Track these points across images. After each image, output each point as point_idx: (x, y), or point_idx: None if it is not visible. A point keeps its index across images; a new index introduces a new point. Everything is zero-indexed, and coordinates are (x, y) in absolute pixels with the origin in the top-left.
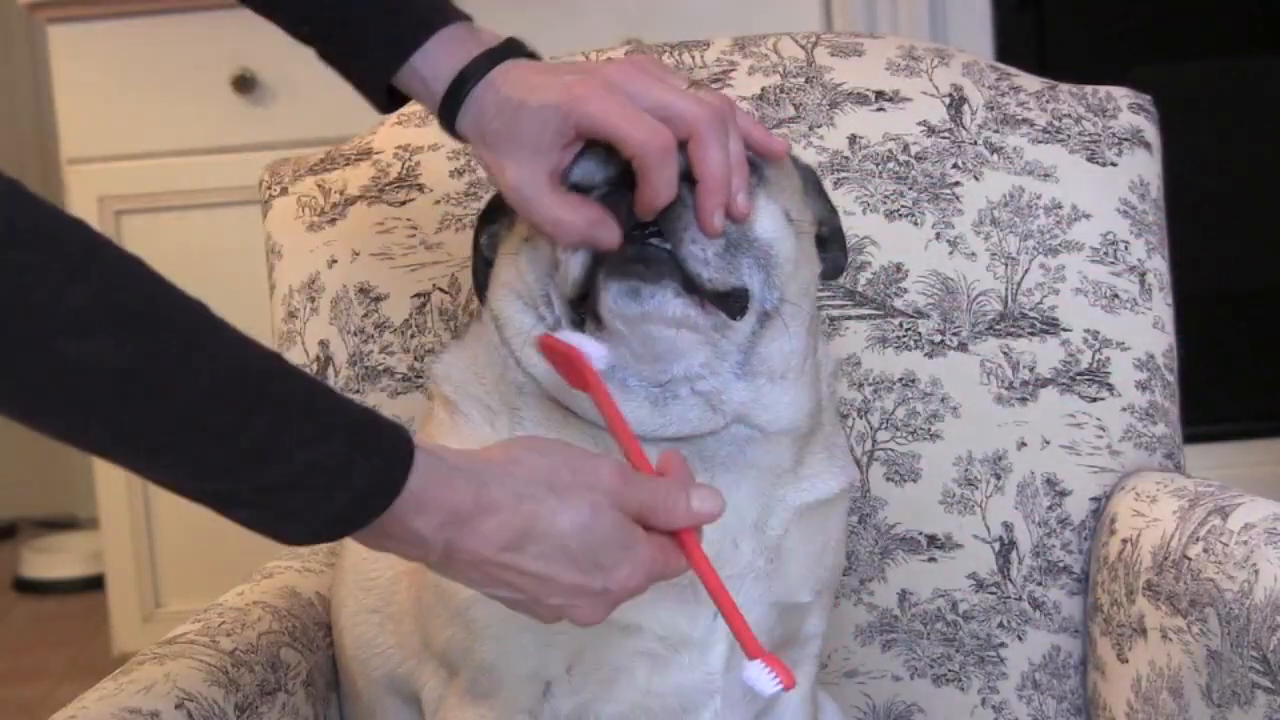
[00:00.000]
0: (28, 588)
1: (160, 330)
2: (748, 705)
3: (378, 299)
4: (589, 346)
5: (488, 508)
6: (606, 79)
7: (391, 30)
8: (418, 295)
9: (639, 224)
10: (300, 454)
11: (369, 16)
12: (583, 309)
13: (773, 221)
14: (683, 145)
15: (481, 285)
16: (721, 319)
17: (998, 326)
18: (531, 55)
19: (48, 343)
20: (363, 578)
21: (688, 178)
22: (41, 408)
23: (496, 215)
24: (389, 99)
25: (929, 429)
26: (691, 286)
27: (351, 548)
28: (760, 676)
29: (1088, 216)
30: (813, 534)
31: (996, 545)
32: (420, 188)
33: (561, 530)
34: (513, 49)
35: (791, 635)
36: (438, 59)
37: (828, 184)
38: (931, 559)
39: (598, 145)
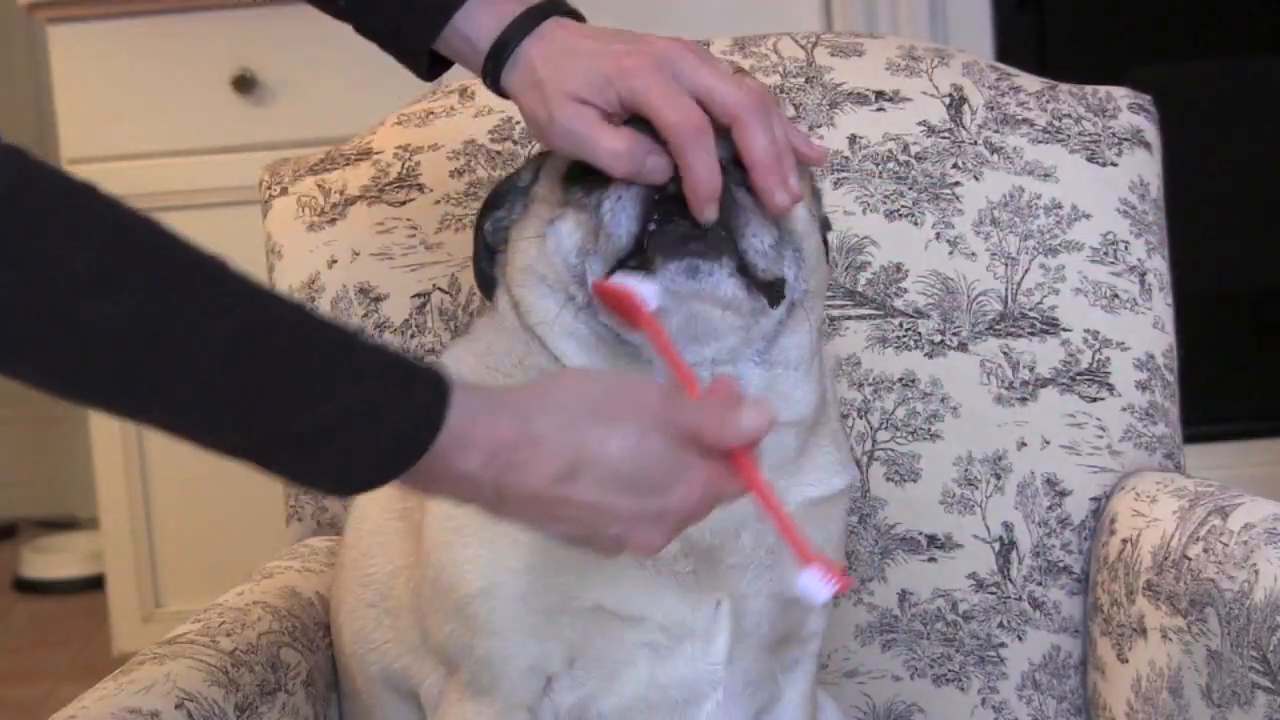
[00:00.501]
0: (28, 588)
1: (177, 285)
2: (749, 699)
3: (378, 299)
4: (641, 287)
5: (534, 440)
6: (657, 55)
7: None
8: (418, 295)
9: (696, 223)
10: (333, 399)
11: None
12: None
13: (803, 214)
14: (728, 133)
15: (484, 274)
16: (762, 304)
17: (998, 326)
18: (574, 14)
19: (69, 306)
20: (361, 573)
21: (738, 164)
22: (71, 373)
23: (502, 202)
24: (430, 66)
25: (929, 429)
26: (743, 270)
27: (350, 543)
28: (813, 584)
29: (1088, 216)
30: (814, 530)
31: (996, 545)
32: (420, 188)
33: (611, 456)
34: (556, 6)
35: (792, 633)
36: (480, 18)
37: (827, 184)
38: (931, 559)
39: (641, 122)
